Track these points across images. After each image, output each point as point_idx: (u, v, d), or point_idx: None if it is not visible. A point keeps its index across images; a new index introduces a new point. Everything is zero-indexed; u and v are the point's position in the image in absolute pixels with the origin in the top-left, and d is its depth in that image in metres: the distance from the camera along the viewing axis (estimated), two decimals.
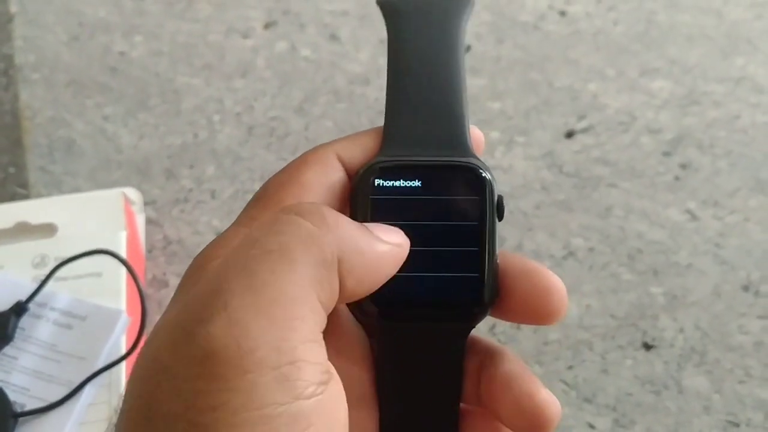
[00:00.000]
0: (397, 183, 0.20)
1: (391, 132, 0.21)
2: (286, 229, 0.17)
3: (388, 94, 0.22)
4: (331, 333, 0.20)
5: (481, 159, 0.21)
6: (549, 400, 0.19)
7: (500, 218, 0.20)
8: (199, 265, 0.19)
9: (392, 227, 0.19)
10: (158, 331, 0.16)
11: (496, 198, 0.20)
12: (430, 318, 0.20)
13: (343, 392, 0.17)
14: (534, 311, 0.20)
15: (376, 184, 0.20)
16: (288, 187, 0.20)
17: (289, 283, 0.16)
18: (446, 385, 0.20)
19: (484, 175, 0.20)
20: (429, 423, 0.20)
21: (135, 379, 0.16)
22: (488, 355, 0.20)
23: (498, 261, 0.20)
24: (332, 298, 0.17)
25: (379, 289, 0.19)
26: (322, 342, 0.16)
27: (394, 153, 0.21)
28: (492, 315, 0.20)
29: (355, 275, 0.17)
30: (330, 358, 0.17)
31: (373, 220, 0.20)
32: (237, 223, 0.20)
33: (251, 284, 0.15)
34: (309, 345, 0.16)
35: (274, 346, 0.15)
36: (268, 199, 0.20)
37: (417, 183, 0.20)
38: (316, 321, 0.16)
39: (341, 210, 0.20)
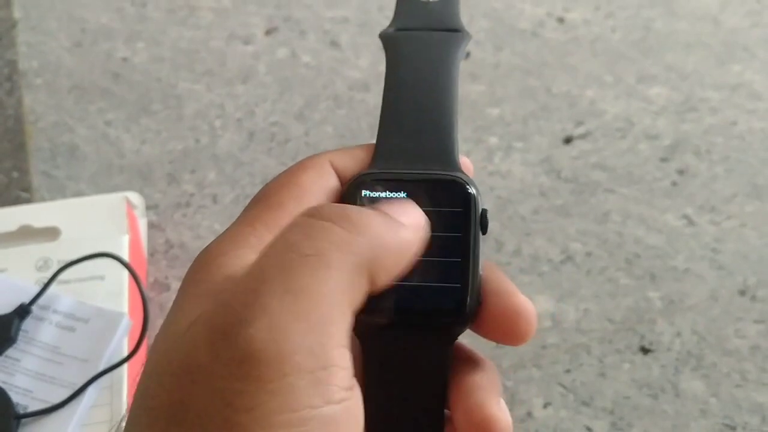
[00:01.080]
0: (383, 195, 0.21)
1: (381, 147, 0.22)
2: (321, 235, 0.17)
3: (381, 112, 0.22)
4: None
5: (474, 163, 0.22)
6: (498, 415, 0.19)
7: (484, 232, 0.21)
8: (204, 262, 0.19)
9: (408, 204, 0.20)
10: (189, 328, 0.16)
11: (480, 212, 0.21)
12: (413, 326, 0.20)
13: (361, 399, 0.17)
14: (503, 331, 0.20)
15: (363, 195, 0.21)
16: (288, 188, 0.20)
17: (326, 289, 0.16)
18: (432, 391, 0.20)
19: (469, 189, 0.21)
20: (414, 428, 0.21)
21: (160, 375, 0.16)
22: (464, 364, 0.21)
23: (482, 273, 0.20)
24: (360, 300, 0.17)
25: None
26: (349, 346, 0.17)
27: (383, 166, 0.21)
28: (471, 328, 0.21)
29: (385, 270, 0.18)
30: None
31: None
32: (239, 222, 0.20)
33: (290, 288, 0.16)
34: (341, 350, 0.16)
35: (311, 351, 0.15)
36: (270, 200, 0.20)
37: (403, 195, 0.21)
38: (347, 326, 0.17)
39: None
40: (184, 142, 0.55)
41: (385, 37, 0.24)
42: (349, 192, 0.21)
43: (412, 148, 0.22)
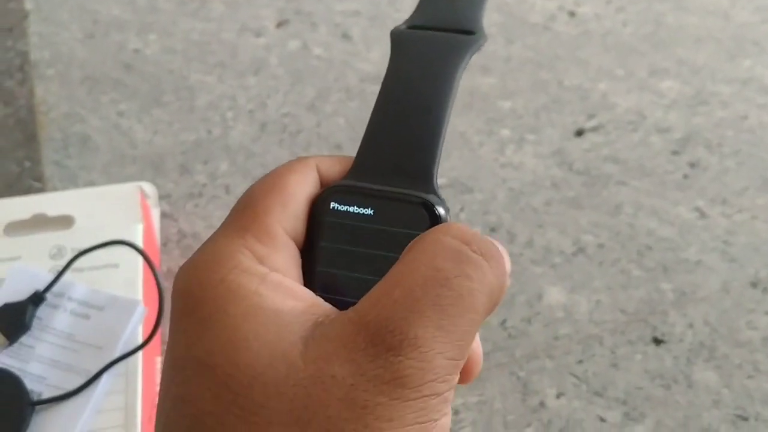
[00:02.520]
0: (351, 208, 0.20)
1: (361, 158, 0.22)
2: (474, 274, 0.18)
3: (369, 120, 0.22)
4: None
5: (486, 155, 0.21)
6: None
7: None
8: (205, 284, 0.18)
9: (502, 248, 0.20)
10: (335, 348, 0.17)
11: None
12: None
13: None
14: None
15: (331, 207, 0.21)
16: (273, 194, 0.20)
17: (473, 330, 0.18)
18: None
19: (437, 211, 0.20)
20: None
21: (277, 386, 0.17)
22: None
23: None
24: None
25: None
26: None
27: (357, 179, 0.21)
28: None
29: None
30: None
31: (324, 242, 0.20)
32: (228, 231, 0.20)
33: (442, 326, 0.17)
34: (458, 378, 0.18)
35: (447, 379, 0.17)
36: (256, 206, 0.20)
37: (369, 211, 0.20)
38: None
39: None
40: (197, 133, 0.55)
41: (393, 35, 0.24)
42: (319, 203, 0.21)
43: (390, 163, 0.21)
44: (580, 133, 0.54)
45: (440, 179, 0.51)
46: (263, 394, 0.17)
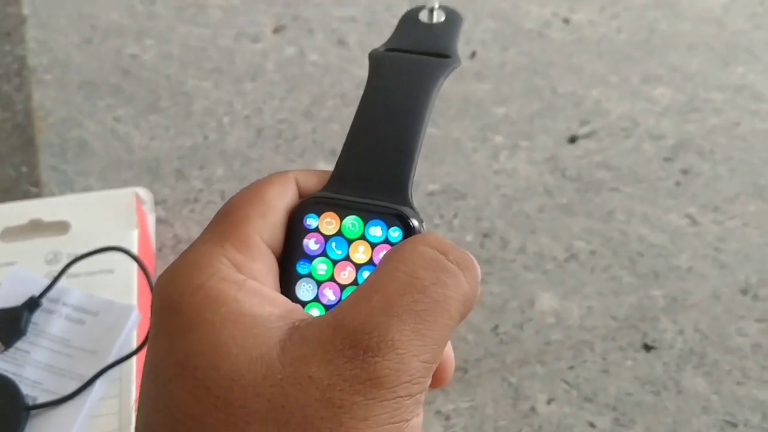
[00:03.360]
0: (327, 220, 0.21)
1: (338, 171, 0.22)
2: (450, 282, 0.19)
3: (347, 135, 0.23)
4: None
5: (480, 161, 0.22)
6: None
7: None
8: (177, 291, 0.19)
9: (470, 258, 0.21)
10: (312, 350, 0.17)
11: None
12: None
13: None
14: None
15: (307, 218, 0.21)
16: (253, 204, 0.21)
17: (446, 335, 0.18)
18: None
19: (411, 222, 0.21)
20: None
21: (254, 386, 0.17)
22: None
23: None
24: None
25: None
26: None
27: (334, 191, 0.22)
28: None
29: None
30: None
31: (301, 252, 0.21)
32: (206, 239, 0.20)
33: (417, 330, 0.18)
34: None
35: (421, 381, 0.18)
36: (234, 215, 0.21)
37: (354, 220, 0.21)
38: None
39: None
40: (193, 139, 0.55)
41: (372, 57, 0.24)
42: (297, 213, 0.21)
43: (367, 176, 0.22)
44: (573, 139, 0.55)
45: (434, 185, 0.52)
46: (242, 395, 0.17)
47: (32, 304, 0.41)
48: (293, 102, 0.57)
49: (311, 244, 0.21)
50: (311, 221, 0.21)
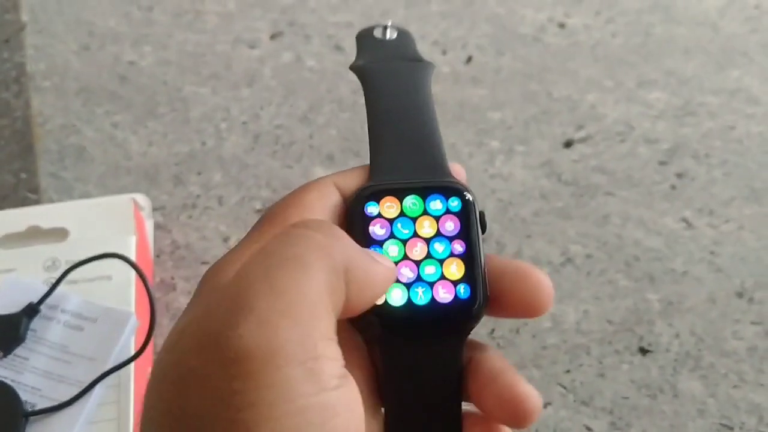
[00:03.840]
0: (387, 205, 0.22)
1: (377, 163, 0.23)
2: (300, 241, 0.18)
3: (370, 134, 0.24)
4: None
5: (476, 166, 0.23)
6: (529, 392, 0.21)
7: (483, 231, 0.22)
8: (212, 276, 0.20)
9: (383, 255, 0.21)
10: (181, 337, 0.17)
11: (478, 213, 0.22)
12: (428, 328, 0.21)
13: (357, 388, 0.18)
14: (526, 306, 0.21)
15: (367, 206, 0.22)
16: (292, 208, 0.21)
17: (307, 287, 0.17)
18: (448, 386, 0.21)
19: (465, 194, 0.22)
20: (434, 426, 0.22)
21: (159, 383, 0.17)
22: (474, 354, 0.22)
23: (486, 269, 0.22)
24: (341, 303, 0.18)
25: (377, 306, 0.20)
26: (336, 339, 0.18)
27: (382, 180, 0.22)
28: (488, 314, 0.22)
29: (356, 286, 0.19)
30: None
31: (369, 240, 0.21)
32: (247, 239, 0.21)
33: (273, 289, 0.17)
34: (328, 342, 0.17)
35: (300, 343, 0.16)
36: (275, 218, 0.21)
37: (414, 200, 0.22)
38: (331, 321, 0.18)
39: None
40: (190, 145, 0.55)
41: (358, 69, 0.25)
42: (354, 205, 0.22)
43: (406, 161, 0.23)
44: (568, 144, 0.55)
45: None
46: (156, 394, 0.17)
47: (31, 310, 0.41)
48: (290, 108, 0.57)
49: (377, 229, 0.22)
50: (372, 209, 0.22)
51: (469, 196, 0.22)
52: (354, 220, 0.22)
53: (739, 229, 0.50)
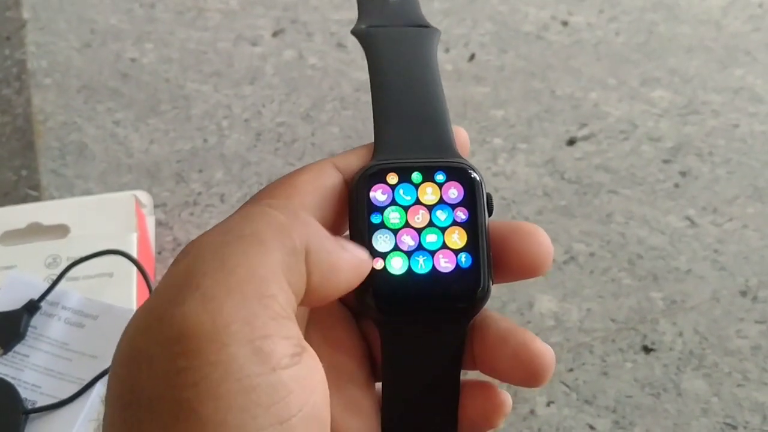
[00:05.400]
0: (392, 183, 0.21)
1: (382, 141, 0.22)
2: (259, 219, 0.18)
3: (374, 107, 0.23)
4: (319, 323, 0.21)
5: (479, 163, 0.22)
6: (544, 348, 0.20)
7: (490, 214, 0.21)
8: (180, 256, 0.19)
9: (360, 246, 0.20)
10: (133, 318, 0.17)
11: (485, 195, 0.21)
12: (432, 311, 0.21)
13: (320, 365, 0.17)
14: (526, 265, 0.21)
15: (371, 187, 0.21)
16: (280, 188, 0.21)
17: (259, 264, 0.17)
18: (449, 364, 0.21)
19: (473, 174, 0.21)
20: (432, 401, 0.21)
21: (114, 367, 0.17)
22: (477, 321, 0.21)
23: (491, 252, 0.21)
24: (301, 284, 0.18)
25: (379, 286, 0.20)
26: (294, 318, 0.17)
27: (386, 158, 0.22)
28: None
29: (320, 271, 0.18)
30: (319, 346, 0.18)
31: (370, 218, 0.21)
32: (226, 219, 0.21)
33: (223, 266, 0.16)
34: (280, 321, 0.17)
35: (248, 321, 0.16)
36: (260, 198, 0.21)
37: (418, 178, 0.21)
38: (287, 300, 0.17)
39: (338, 212, 0.21)
40: (192, 142, 0.55)
41: (360, 34, 0.24)
42: (357, 184, 0.21)
43: (412, 139, 0.22)
44: (572, 142, 0.55)
45: None
46: (112, 374, 0.16)
47: (32, 307, 0.41)
48: (292, 105, 0.57)
49: (378, 195, 0.21)
50: (380, 182, 0.21)
51: (477, 176, 0.21)
52: (357, 201, 0.21)
53: (743, 227, 0.50)
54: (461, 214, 0.21)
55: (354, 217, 0.21)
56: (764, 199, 0.51)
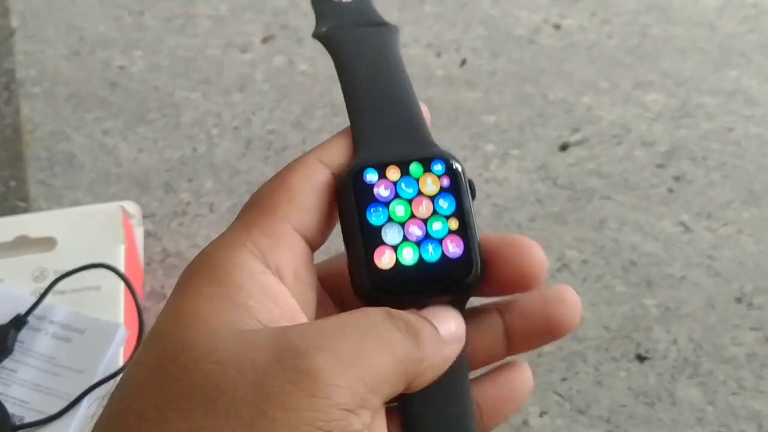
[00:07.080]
0: (377, 180, 0.22)
1: (361, 137, 0.23)
2: (393, 337, 0.19)
3: (348, 105, 0.23)
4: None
5: (471, 170, 0.23)
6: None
7: (473, 198, 0.23)
8: (204, 266, 0.20)
9: (451, 314, 0.21)
10: (245, 334, 0.18)
11: (467, 181, 0.22)
12: (426, 295, 0.21)
13: None
14: (519, 278, 0.22)
15: (356, 184, 0.22)
16: (279, 191, 0.21)
17: (379, 362, 0.19)
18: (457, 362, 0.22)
19: (455, 165, 0.22)
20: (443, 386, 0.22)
21: (197, 362, 0.18)
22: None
23: (479, 238, 0.22)
24: (394, 393, 0.19)
25: (375, 274, 0.21)
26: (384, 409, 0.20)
27: (369, 154, 0.22)
28: (480, 294, 0.22)
29: (421, 380, 0.20)
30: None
31: (360, 216, 0.21)
32: (234, 227, 0.21)
33: (360, 349, 0.18)
34: (378, 399, 0.19)
35: (358, 388, 0.18)
36: (262, 204, 0.21)
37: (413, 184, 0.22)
38: (389, 395, 0.19)
39: (329, 207, 0.22)
40: (181, 151, 0.55)
41: (322, 37, 0.25)
42: (344, 183, 0.22)
43: (390, 134, 0.23)
44: (564, 147, 0.54)
45: None
46: (184, 366, 0.17)
47: (18, 322, 0.40)
48: (282, 112, 0.57)
49: (381, 190, 0.22)
50: (371, 176, 0.22)
51: (458, 166, 0.22)
52: (345, 200, 0.22)
53: (738, 232, 0.50)
54: (448, 201, 0.22)
55: (344, 213, 0.22)
56: (759, 204, 0.51)
